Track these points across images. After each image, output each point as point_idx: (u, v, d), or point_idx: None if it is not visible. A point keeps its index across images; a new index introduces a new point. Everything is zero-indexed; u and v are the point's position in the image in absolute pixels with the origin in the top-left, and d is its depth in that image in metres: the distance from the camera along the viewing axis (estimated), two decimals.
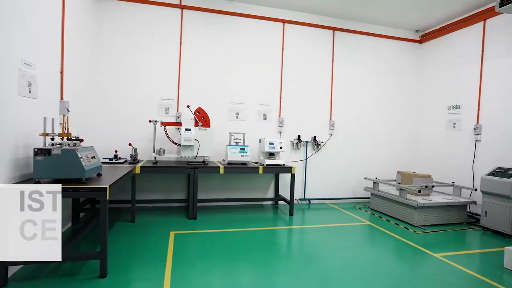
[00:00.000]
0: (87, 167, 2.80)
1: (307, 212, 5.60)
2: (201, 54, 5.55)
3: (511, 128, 4.92)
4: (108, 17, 5.10)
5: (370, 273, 3.12)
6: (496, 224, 4.53)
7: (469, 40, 5.73)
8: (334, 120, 6.30)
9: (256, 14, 5.77)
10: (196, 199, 4.72)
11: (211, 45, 5.59)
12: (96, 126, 4.99)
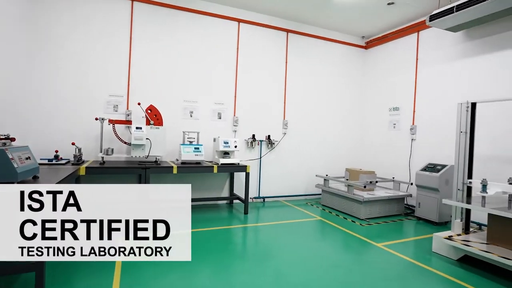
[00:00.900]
0: (20, 169, 2.53)
1: (261, 210, 5.71)
2: (153, 50, 5.33)
3: (440, 129, 5.53)
4: (50, 7, 4.64)
5: (321, 265, 3.29)
6: (427, 214, 5.08)
7: (406, 49, 6.32)
8: (288, 120, 6.50)
9: (212, 12, 5.71)
10: None
11: (165, 41, 5.40)
12: (33, 124, 4.53)
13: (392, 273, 3.18)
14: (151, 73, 5.32)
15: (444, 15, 4.64)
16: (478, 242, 3.46)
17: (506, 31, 4.65)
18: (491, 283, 3.00)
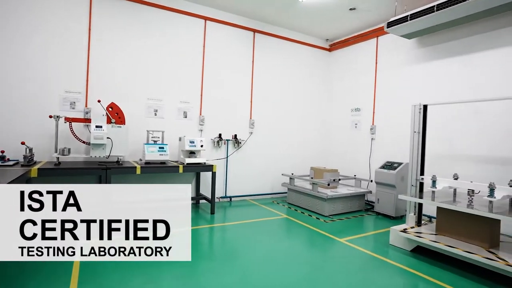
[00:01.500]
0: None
1: (228, 209, 5.70)
2: (115, 46, 5.08)
3: (397, 129, 5.90)
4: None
5: (287, 263, 3.37)
6: (385, 209, 5.41)
7: (367, 53, 6.66)
8: (254, 119, 6.55)
9: (177, 8, 5.57)
10: None
11: (127, 36, 5.18)
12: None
13: (354, 266, 3.34)
14: (112, 69, 5.07)
15: (400, 22, 4.95)
16: (428, 233, 3.75)
17: (453, 39, 5.08)
18: (440, 270, 3.27)
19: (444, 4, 4.34)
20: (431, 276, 3.12)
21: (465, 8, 4.19)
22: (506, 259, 2.98)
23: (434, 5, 4.46)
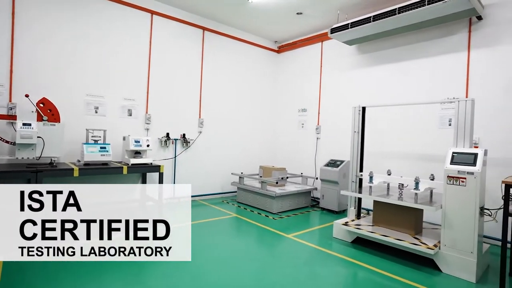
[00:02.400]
0: None
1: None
2: (49, 34, 4.58)
3: (339, 128, 6.32)
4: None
5: (238, 261, 3.40)
6: (329, 204, 5.76)
7: (313, 56, 7.00)
8: (204, 118, 6.46)
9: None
10: None
11: (63, 23, 4.70)
12: None
13: (301, 260, 3.50)
14: (45, 60, 4.57)
15: (342, 30, 5.31)
16: (366, 225, 4.10)
17: (387, 48, 5.60)
18: (376, 257, 3.59)
19: (378, 16, 4.77)
20: (368, 264, 3.41)
21: (394, 21, 4.66)
22: (427, 243, 3.40)
23: (371, 16, 4.87)
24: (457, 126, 3.51)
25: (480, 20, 4.49)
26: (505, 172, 4.14)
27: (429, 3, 4.20)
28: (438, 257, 3.32)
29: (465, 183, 3.16)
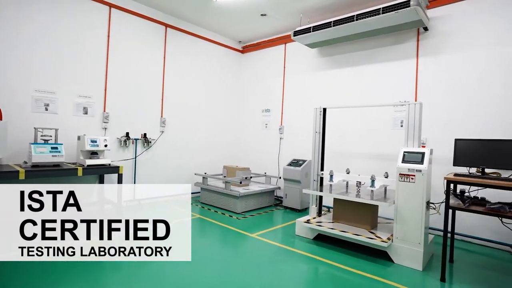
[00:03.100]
0: None
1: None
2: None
3: (302, 129, 6.50)
4: None
5: (201, 262, 3.35)
6: (292, 203, 5.90)
7: (276, 57, 7.13)
8: (166, 118, 6.28)
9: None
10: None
11: (10, 15, 4.29)
12: None
13: (264, 258, 3.56)
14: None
15: (304, 33, 5.47)
16: (327, 221, 4.27)
17: (347, 52, 5.88)
18: (336, 252, 3.76)
19: (338, 21, 4.99)
20: (328, 259, 3.56)
21: (352, 27, 4.91)
22: (381, 237, 3.64)
23: (331, 21, 5.08)
24: (407, 127, 3.79)
25: (426, 31, 4.90)
26: (448, 169, 4.56)
27: (383, 12, 4.49)
28: (390, 249, 3.57)
29: (414, 180, 3.43)
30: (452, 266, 3.53)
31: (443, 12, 4.74)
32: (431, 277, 3.19)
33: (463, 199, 3.20)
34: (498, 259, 3.83)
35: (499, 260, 3.80)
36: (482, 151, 3.20)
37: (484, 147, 3.19)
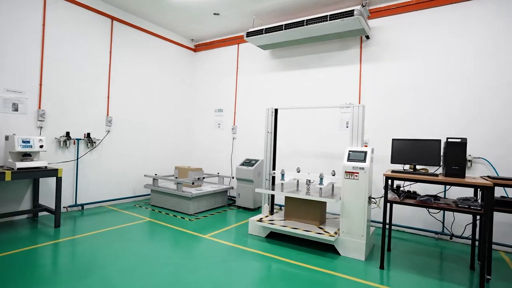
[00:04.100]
0: None
1: (79, 219, 4.92)
2: None
3: (254, 129, 6.60)
4: None
5: (152, 267, 3.22)
6: (245, 202, 5.96)
7: (230, 57, 7.13)
8: (112, 116, 5.90)
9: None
10: None
11: None
12: None
13: (217, 259, 3.53)
14: None
15: (257, 34, 5.55)
16: (279, 219, 4.39)
17: (297, 55, 6.10)
18: (288, 249, 3.88)
19: (289, 25, 5.16)
20: (280, 255, 3.67)
21: (302, 31, 5.12)
22: (329, 232, 3.85)
23: (283, 25, 5.24)
24: (352, 128, 4.06)
25: (368, 39, 5.31)
26: (386, 166, 5.00)
27: (330, 19, 4.75)
28: (337, 242, 3.79)
29: (358, 177, 3.69)
30: (390, 254, 3.87)
31: (382, 23, 5.18)
32: (372, 266, 3.47)
33: (399, 193, 3.53)
34: (426, 245, 4.30)
35: (427, 246, 4.26)
36: (414, 149, 3.56)
37: (415, 146, 3.56)
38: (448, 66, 4.63)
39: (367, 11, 4.99)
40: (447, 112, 4.61)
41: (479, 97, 4.40)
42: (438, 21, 4.72)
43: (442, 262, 3.72)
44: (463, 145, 3.12)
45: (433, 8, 4.75)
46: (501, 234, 4.24)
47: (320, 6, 5.37)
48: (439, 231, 4.63)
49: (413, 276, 3.26)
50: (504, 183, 3.08)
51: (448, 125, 4.60)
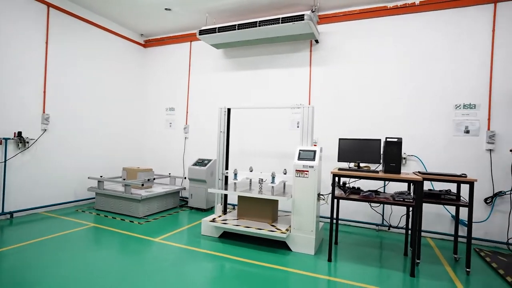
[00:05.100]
0: None
1: (7, 230, 4.37)
2: None
3: (207, 128, 6.51)
4: None
5: (96, 277, 2.99)
6: (198, 203, 5.86)
7: (182, 54, 6.94)
8: (50, 114, 5.37)
9: None
10: None
11: None
12: None
13: (169, 262, 3.42)
14: None
15: (210, 32, 5.49)
16: (232, 219, 4.40)
17: (249, 56, 6.16)
18: (241, 248, 3.91)
19: (243, 25, 5.19)
20: (233, 255, 3.68)
21: (255, 32, 5.20)
22: (281, 229, 3.97)
23: (236, 24, 5.25)
24: (302, 128, 4.22)
25: (318, 43, 5.57)
26: (334, 164, 5.30)
27: (282, 22, 4.89)
28: (289, 239, 3.92)
29: (308, 175, 3.85)
30: (337, 247, 4.11)
31: (330, 29, 5.47)
32: (321, 259, 3.65)
33: (345, 189, 3.76)
34: (368, 236, 4.66)
35: (369, 237, 4.62)
36: (358, 148, 3.83)
37: (359, 145, 3.83)
38: (387, 71, 5.06)
39: (317, 17, 5.23)
40: (387, 114, 5.04)
41: (413, 101, 4.89)
42: (379, 30, 5.13)
43: (381, 251, 4.06)
44: (399, 144, 3.44)
45: (375, 18, 5.16)
46: (428, 222, 4.77)
47: (272, 9, 5.49)
48: (379, 223, 5.04)
49: (357, 266, 3.51)
50: (431, 177, 3.47)
51: (388, 126, 5.03)
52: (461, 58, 4.63)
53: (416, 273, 3.36)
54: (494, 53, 4.46)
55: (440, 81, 4.73)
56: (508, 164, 4.35)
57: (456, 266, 3.61)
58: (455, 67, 4.65)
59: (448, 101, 4.68)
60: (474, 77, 4.55)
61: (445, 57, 4.71)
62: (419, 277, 3.25)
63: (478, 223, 4.50)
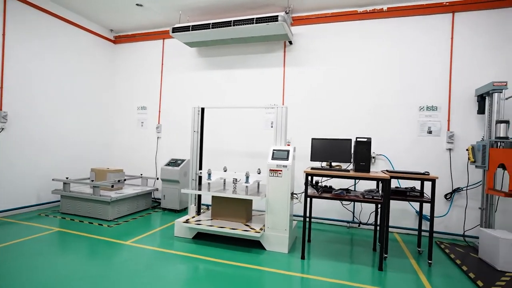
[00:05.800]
0: None
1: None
2: None
3: (180, 128, 6.40)
4: None
5: (62, 285, 2.84)
6: (171, 204, 5.74)
7: (154, 52, 6.76)
8: (8, 111, 5.02)
9: None
10: None
11: None
12: None
13: (141, 266, 3.32)
14: None
15: (183, 30, 5.39)
16: (206, 219, 4.36)
17: (223, 55, 6.13)
18: (215, 248, 3.88)
19: (217, 24, 5.16)
20: (207, 256, 3.65)
21: (230, 32, 5.19)
22: (255, 228, 3.99)
23: (210, 23, 5.20)
24: (276, 128, 4.27)
25: (291, 45, 5.66)
26: (307, 164, 5.41)
27: (256, 22, 4.91)
28: (263, 238, 3.95)
29: (282, 174, 3.91)
30: (310, 245, 4.21)
31: (303, 30, 5.58)
32: (294, 257, 3.72)
33: (317, 188, 3.86)
34: (340, 233, 4.81)
35: (340, 234, 4.78)
36: (329, 148, 3.94)
37: (331, 145, 3.95)
38: (357, 74, 5.25)
39: (290, 18, 5.31)
40: (357, 115, 5.23)
41: (382, 102, 5.11)
42: (350, 33, 5.31)
43: (352, 247, 4.21)
44: (368, 144, 3.58)
45: (346, 22, 5.33)
46: (395, 218, 5.02)
47: (246, 9, 5.50)
48: (350, 220, 5.22)
49: (329, 262, 3.61)
50: (397, 175, 3.65)
51: (359, 126, 5.22)
52: (424, 62, 4.91)
53: (384, 267, 3.53)
54: (453, 59, 4.78)
55: (407, 84, 4.99)
56: (465, 162, 4.69)
57: (419, 259, 3.82)
58: (420, 71, 4.93)
59: (414, 103, 4.95)
60: (436, 81, 4.84)
61: (412, 60, 4.98)
62: (386, 271, 3.41)
63: (439, 217, 4.80)
